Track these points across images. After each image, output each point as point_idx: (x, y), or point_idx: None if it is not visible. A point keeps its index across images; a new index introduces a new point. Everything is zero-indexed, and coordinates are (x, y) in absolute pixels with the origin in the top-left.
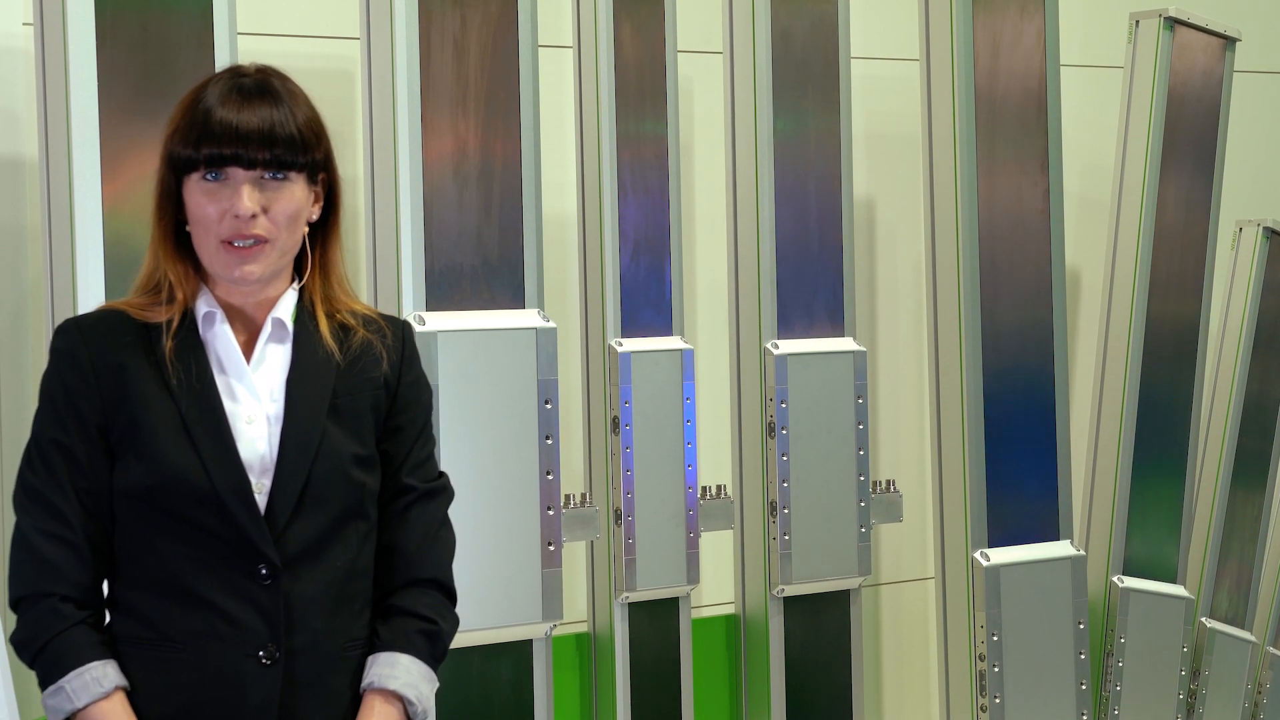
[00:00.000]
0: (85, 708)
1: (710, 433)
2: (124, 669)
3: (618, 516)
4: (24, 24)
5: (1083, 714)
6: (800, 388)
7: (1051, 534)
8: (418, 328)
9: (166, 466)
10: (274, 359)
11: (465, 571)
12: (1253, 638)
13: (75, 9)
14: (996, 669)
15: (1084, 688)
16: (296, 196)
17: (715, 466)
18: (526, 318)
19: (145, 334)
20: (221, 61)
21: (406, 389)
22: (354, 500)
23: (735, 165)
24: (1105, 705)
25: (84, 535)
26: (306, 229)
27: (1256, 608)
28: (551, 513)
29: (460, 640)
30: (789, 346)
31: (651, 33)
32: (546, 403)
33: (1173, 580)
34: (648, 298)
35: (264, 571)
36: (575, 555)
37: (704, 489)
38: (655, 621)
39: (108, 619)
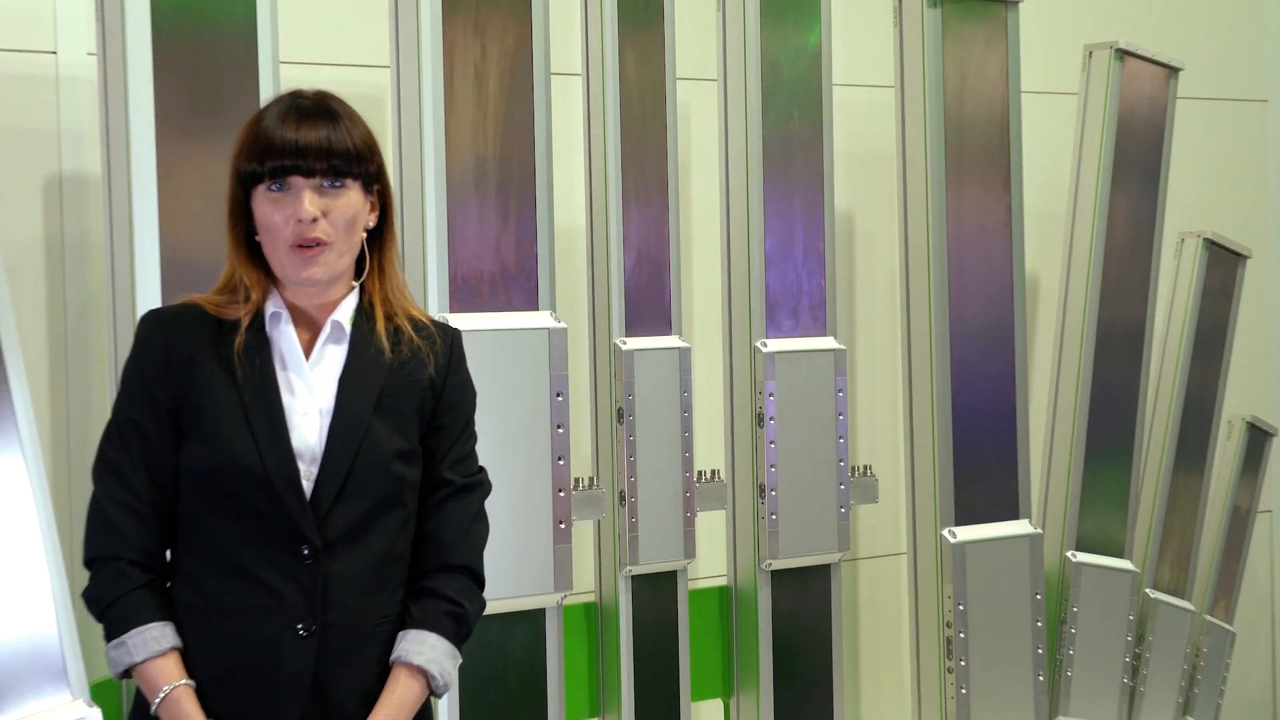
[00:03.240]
0: (142, 662)
1: (705, 422)
2: (181, 631)
3: (622, 498)
4: (88, 54)
5: (1039, 675)
6: (786, 382)
7: (1012, 514)
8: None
9: (226, 450)
10: (331, 358)
11: (487, 548)
12: (1191, 606)
13: (134, 42)
14: (962, 635)
15: (1040, 652)
16: (353, 203)
17: (710, 453)
18: (540, 319)
19: (218, 329)
20: (265, 87)
21: (451, 391)
22: (393, 490)
23: (728, 181)
24: (1059, 668)
25: (151, 506)
26: (364, 235)
27: (1195, 580)
28: (563, 494)
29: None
30: (776, 345)
31: (653, 61)
32: (558, 395)
33: (1120, 555)
34: (649, 301)
35: (305, 552)
36: (584, 532)
37: (700, 473)
38: (656, 592)
39: (169, 583)
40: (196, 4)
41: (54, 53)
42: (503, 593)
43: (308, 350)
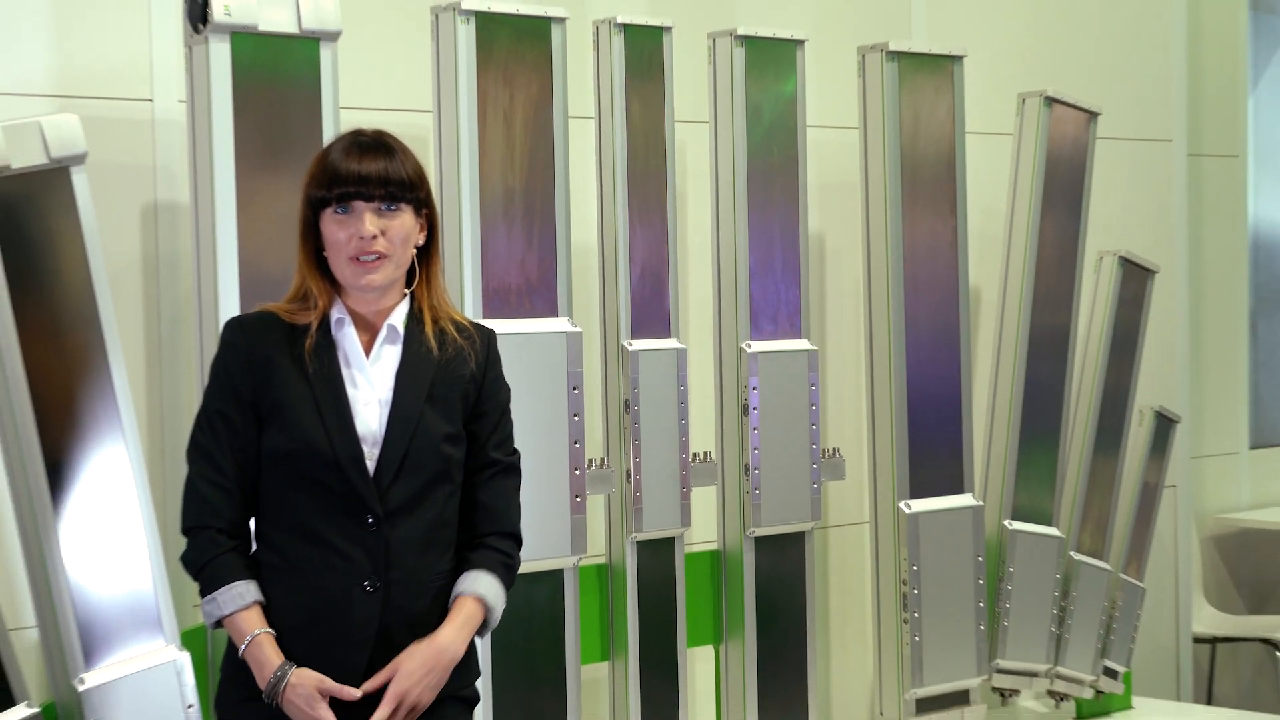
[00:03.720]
0: (230, 614)
1: (699, 411)
2: (263, 588)
3: (628, 475)
4: (179, 101)
5: (980, 625)
6: (767, 377)
7: (957, 489)
8: None
9: (301, 436)
10: (388, 356)
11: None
12: (1109, 566)
13: (217, 91)
14: (916, 592)
15: (981, 606)
16: (406, 223)
17: (703, 437)
18: (559, 324)
19: (291, 332)
20: (327, 128)
21: (489, 384)
22: (443, 468)
23: (718, 207)
24: (997, 618)
25: (236, 484)
26: (415, 251)
27: (1112, 544)
28: (578, 472)
29: None
30: (759, 346)
31: (654, 106)
32: (574, 389)
33: (1049, 523)
34: (652, 309)
35: (370, 520)
36: (596, 505)
37: (694, 454)
38: (657, 555)
39: (254, 548)
40: (269, 58)
41: (150, 100)
42: (528, 555)
43: (367, 350)
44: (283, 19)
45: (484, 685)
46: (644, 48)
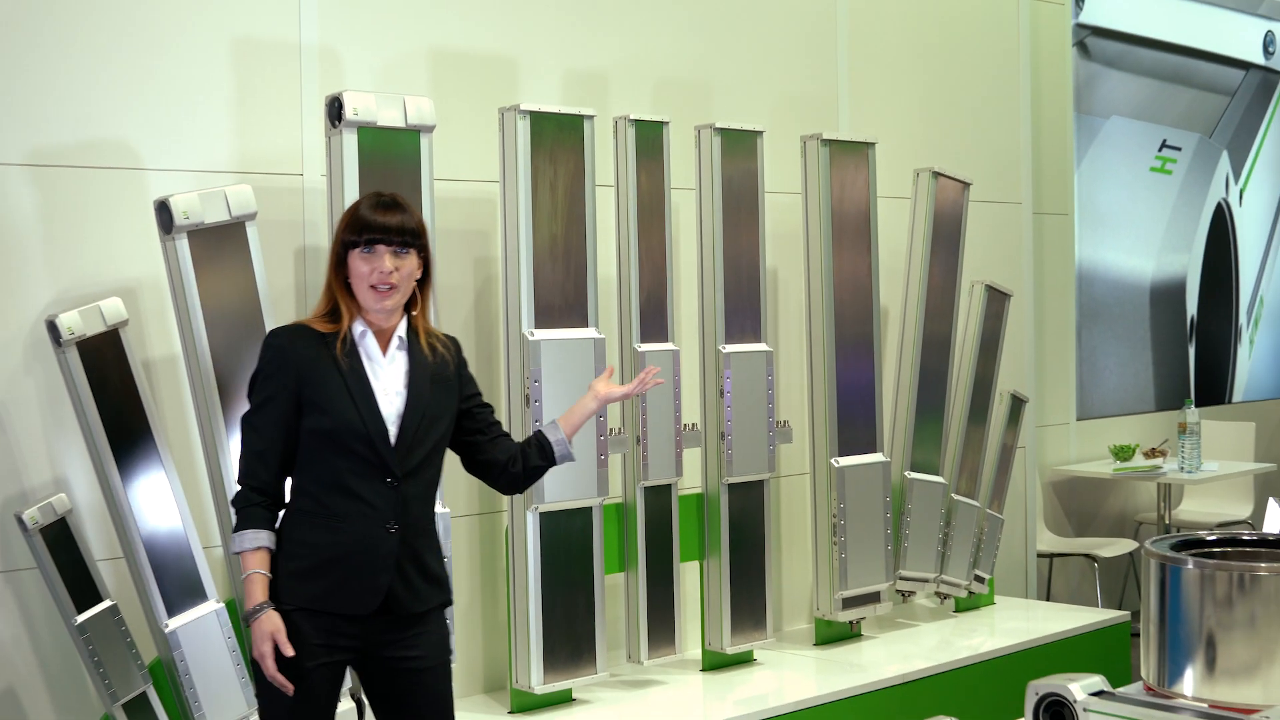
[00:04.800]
0: (242, 551)
1: (688, 394)
2: (304, 531)
3: (638, 439)
4: (321, 175)
5: (888, 546)
6: (736, 370)
7: (872, 449)
8: (529, 338)
9: (339, 417)
10: (399, 357)
11: (559, 468)
12: (978, 504)
13: (348, 167)
14: (842, 523)
15: (888, 532)
16: (412, 263)
17: (691, 412)
18: (589, 332)
19: (322, 339)
20: (425, 194)
21: (466, 379)
22: (440, 440)
23: (702, 248)
24: (899, 541)
25: (275, 453)
26: (415, 285)
27: (981, 487)
28: (602, 438)
29: (554, 505)
30: (731, 348)
31: (656, 178)
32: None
33: (936, 473)
34: (655, 321)
35: (389, 479)
36: (615, 461)
37: (685, 425)
38: (658, 497)
39: (286, 500)
40: (385, 144)
41: (301, 175)
42: (566, 496)
43: (383, 353)
44: (394, 116)
45: (536, 589)
46: (649, 136)
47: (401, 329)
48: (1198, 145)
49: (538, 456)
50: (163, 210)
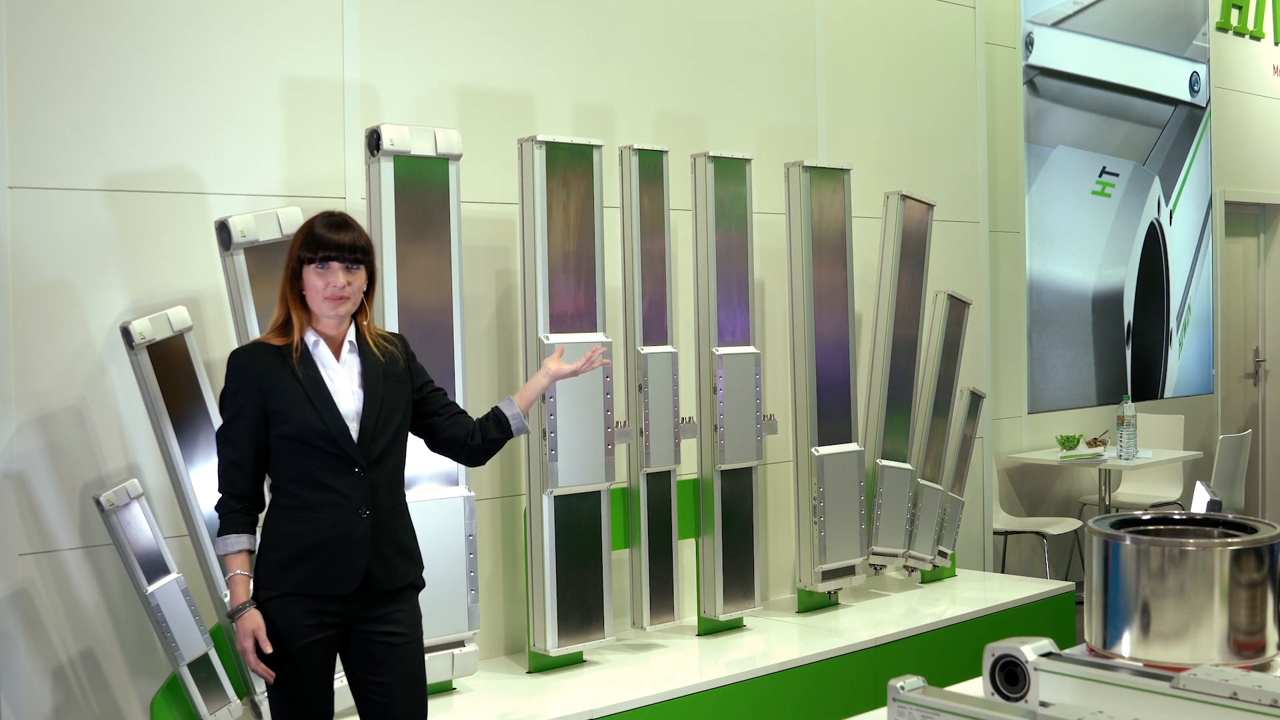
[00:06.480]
0: (225, 555)
1: (685, 391)
2: (284, 524)
3: (641, 432)
4: (361, 198)
5: (862, 525)
6: (728, 370)
7: (848, 439)
8: (545, 341)
9: (302, 422)
10: (351, 361)
11: (571, 457)
12: (941, 487)
13: (385, 191)
14: (822, 504)
15: (862, 513)
16: (361, 278)
17: (688, 407)
18: (597, 337)
19: (278, 352)
20: (454, 216)
21: (416, 368)
22: (398, 430)
23: (698, 263)
24: (873, 520)
25: (250, 461)
26: (364, 295)
27: (944, 473)
28: (609, 430)
29: (566, 489)
30: (723, 350)
31: (657, 200)
32: (607, 378)
33: (904, 461)
34: (655, 326)
35: (357, 470)
36: (621, 450)
37: (682, 418)
38: (658, 483)
39: (262, 504)
40: (417, 171)
41: (344, 198)
42: (579, 481)
43: (335, 358)
44: (425, 146)
45: (551, 564)
46: (651, 163)
47: (351, 334)
48: (1133, 171)
49: (495, 429)
50: (222, 229)
